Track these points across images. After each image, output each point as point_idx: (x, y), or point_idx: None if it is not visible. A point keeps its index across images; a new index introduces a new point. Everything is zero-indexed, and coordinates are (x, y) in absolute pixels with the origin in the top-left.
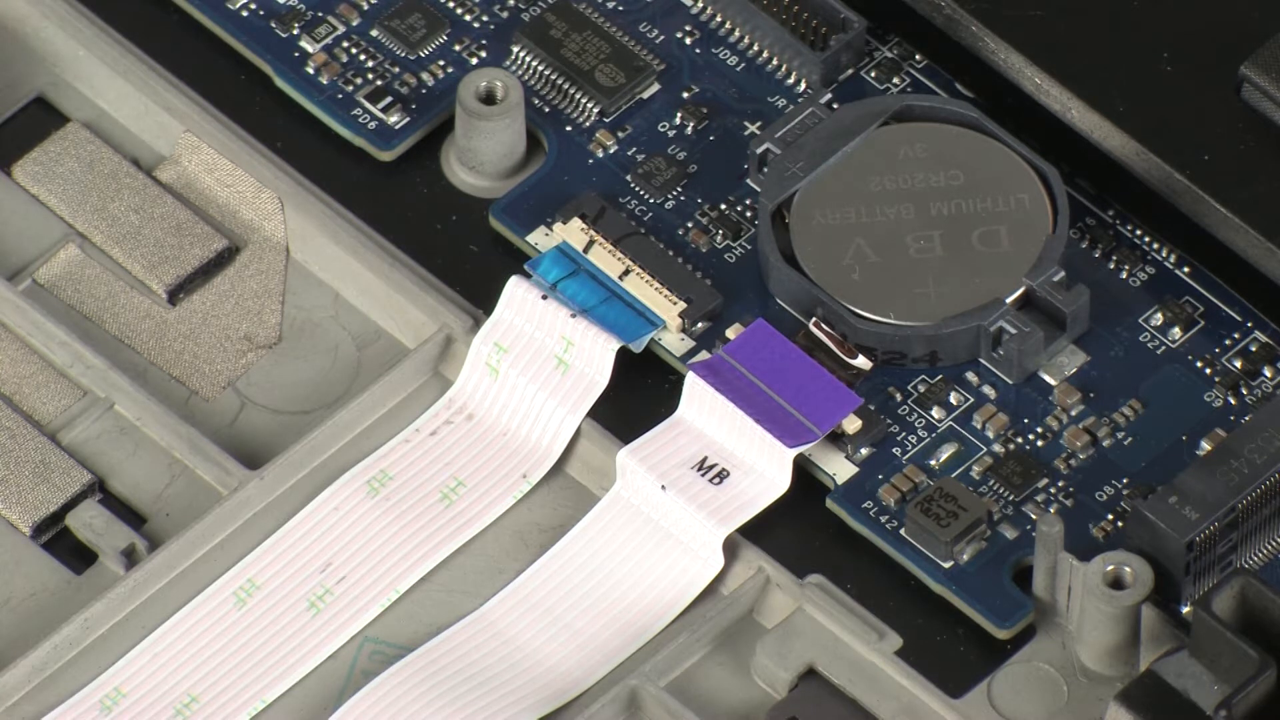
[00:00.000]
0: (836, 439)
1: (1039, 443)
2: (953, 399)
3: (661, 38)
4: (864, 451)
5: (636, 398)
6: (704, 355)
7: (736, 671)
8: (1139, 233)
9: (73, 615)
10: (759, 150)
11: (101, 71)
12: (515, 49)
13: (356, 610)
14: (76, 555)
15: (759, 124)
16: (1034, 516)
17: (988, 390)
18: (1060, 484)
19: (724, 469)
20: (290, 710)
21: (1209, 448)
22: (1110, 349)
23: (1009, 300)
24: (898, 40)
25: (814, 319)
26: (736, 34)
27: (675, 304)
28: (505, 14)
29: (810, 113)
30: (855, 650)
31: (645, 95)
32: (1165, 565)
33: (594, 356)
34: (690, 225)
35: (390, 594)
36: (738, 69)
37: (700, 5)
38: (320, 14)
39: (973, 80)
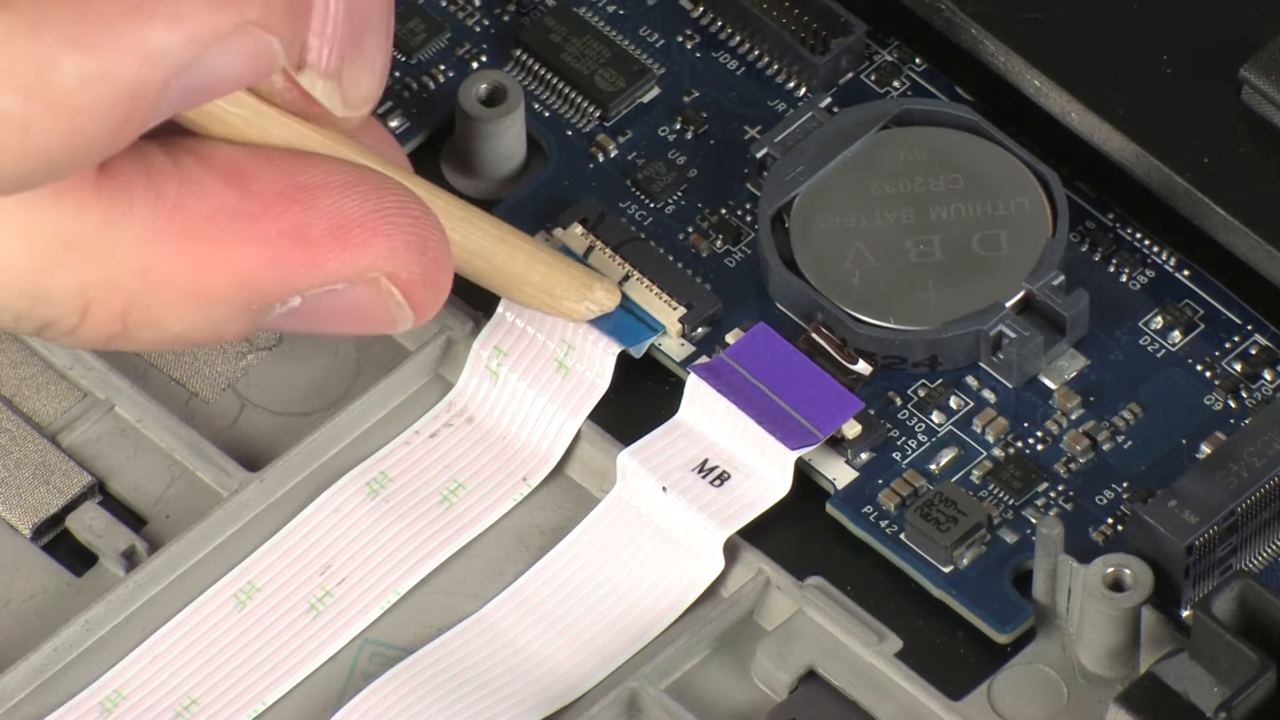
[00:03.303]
0: (836, 443)
1: (1039, 447)
2: (953, 403)
3: (661, 42)
4: (864, 456)
5: (637, 400)
6: (704, 360)
7: (737, 673)
8: (1139, 236)
9: (73, 617)
10: (759, 155)
11: None
12: (515, 53)
13: (356, 612)
14: (77, 557)
15: (759, 128)
16: (1034, 521)
17: (988, 394)
18: (1060, 488)
19: (725, 471)
20: (290, 712)
21: (1209, 451)
22: (1110, 353)
23: (1009, 304)
24: (897, 44)
25: (814, 324)
26: (736, 38)
27: (675, 309)
28: (505, 18)
29: (810, 117)
30: (855, 652)
31: (645, 100)
32: (1165, 569)
33: (594, 360)
34: (690, 230)
35: (390, 596)
36: (737, 73)
37: (700, 10)
38: None
39: (972, 84)
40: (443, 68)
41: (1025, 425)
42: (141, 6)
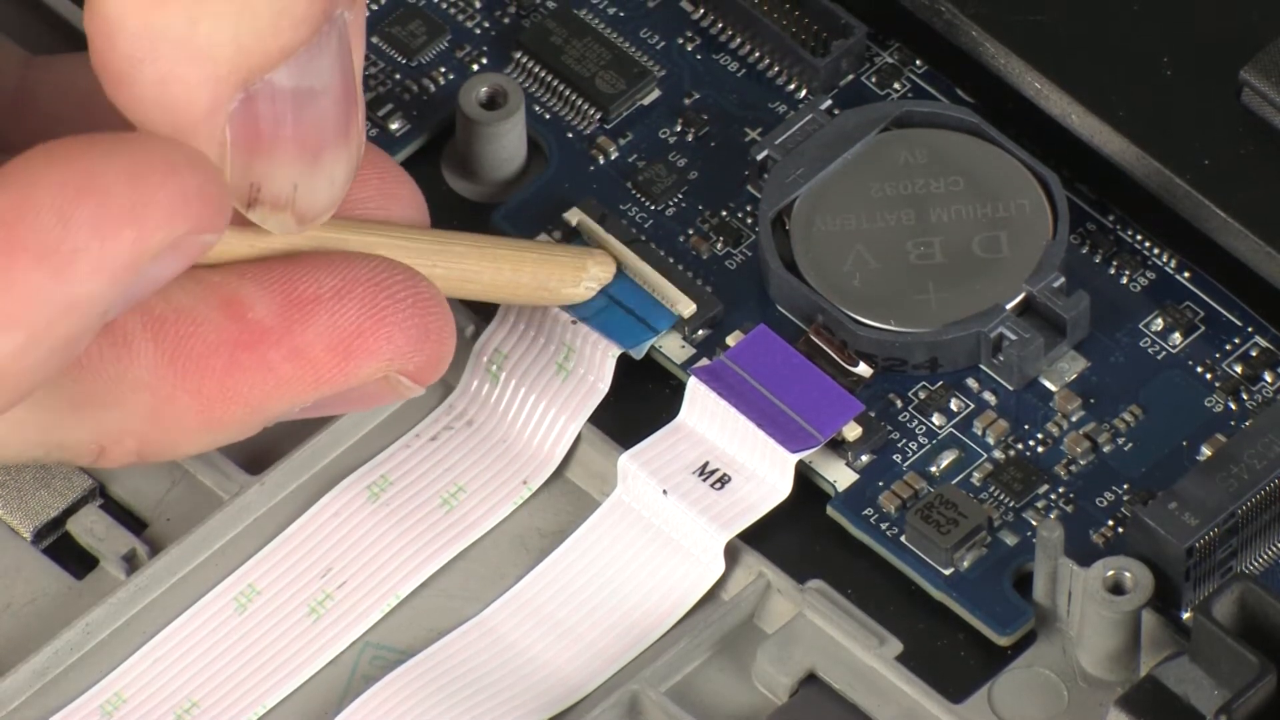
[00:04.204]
0: (837, 446)
1: (1039, 449)
2: (953, 405)
3: (662, 44)
4: (864, 458)
5: (637, 403)
6: (705, 362)
7: (737, 676)
8: (1139, 238)
9: (73, 620)
10: (759, 157)
11: None
12: (516, 55)
13: (357, 615)
14: (77, 560)
15: (759, 130)
16: (1034, 523)
17: (988, 396)
18: (1060, 490)
19: (725, 474)
20: (291, 715)
21: (1209, 453)
22: (1110, 354)
23: (1009, 306)
24: (898, 46)
25: (814, 325)
26: (737, 40)
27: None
28: (506, 20)
29: (810, 119)
30: (856, 655)
31: (646, 102)
32: (1165, 571)
33: (594, 363)
34: (691, 232)
35: (391, 599)
36: (738, 75)
37: (701, 11)
38: None
39: (973, 85)
40: (443, 70)
41: (1026, 427)
42: (65, 266)
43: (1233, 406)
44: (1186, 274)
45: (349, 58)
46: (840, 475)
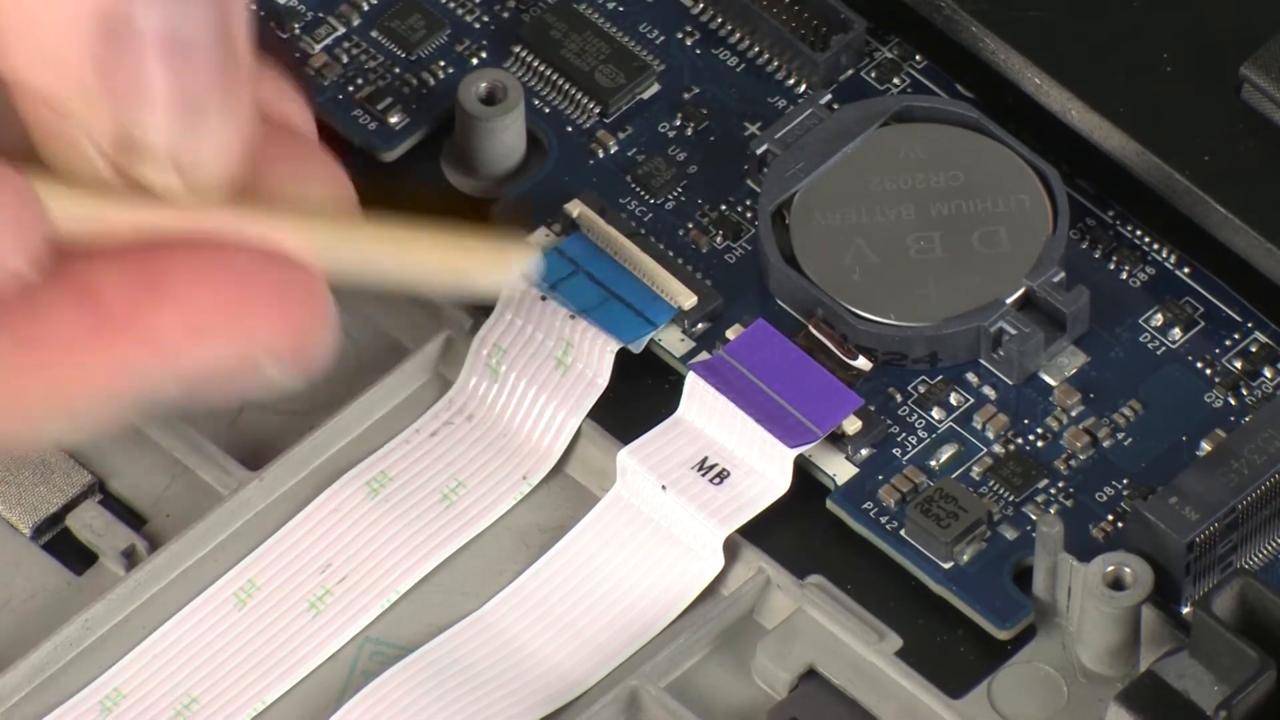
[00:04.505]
0: (837, 440)
1: (1039, 443)
2: (953, 400)
3: (661, 38)
4: (864, 452)
5: (636, 398)
6: (704, 356)
7: (737, 672)
8: (1139, 233)
9: (73, 616)
10: (759, 151)
11: None
12: (515, 49)
13: (356, 611)
14: (77, 556)
15: (759, 125)
16: (1034, 517)
17: (988, 391)
18: (1060, 485)
19: (724, 469)
20: (290, 711)
21: (1209, 448)
22: (1110, 350)
23: (1009, 301)
24: (898, 41)
25: (814, 319)
26: (736, 35)
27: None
28: (505, 15)
29: (810, 113)
30: (855, 651)
31: (645, 96)
32: (1165, 566)
33: (593, 357)
34: (690, 226)
35: (390, 595)
36: (738, 70)
37: (700, 6)
38: (320, 14)
39: (973, 81)
40: (442, 64)
41: (1025, 422)
42: None
43: (1232, 402)
44: (1186, 269)
45: (228, 19)
46: (840, 469)
